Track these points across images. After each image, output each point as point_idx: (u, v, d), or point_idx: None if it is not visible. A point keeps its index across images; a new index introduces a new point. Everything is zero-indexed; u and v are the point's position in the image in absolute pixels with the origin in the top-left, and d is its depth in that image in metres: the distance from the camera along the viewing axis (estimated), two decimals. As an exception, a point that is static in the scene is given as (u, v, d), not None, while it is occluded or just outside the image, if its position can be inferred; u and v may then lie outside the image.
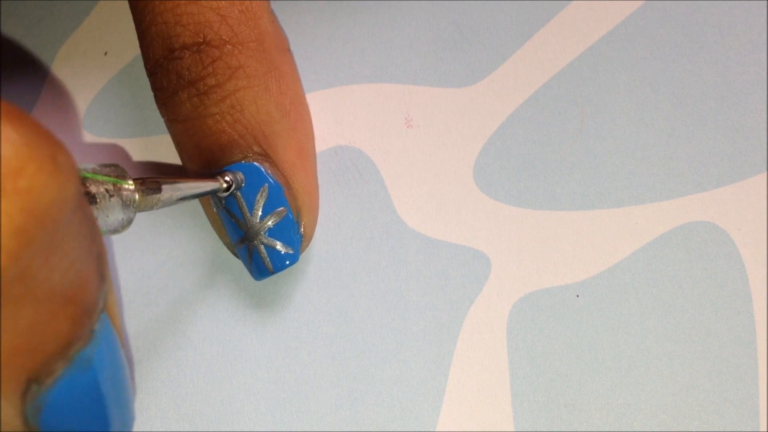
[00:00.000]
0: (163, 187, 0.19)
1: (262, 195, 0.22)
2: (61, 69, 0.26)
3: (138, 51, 0.26)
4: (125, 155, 0.25)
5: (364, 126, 0.25)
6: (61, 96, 0.25)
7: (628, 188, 0.23)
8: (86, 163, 0.17)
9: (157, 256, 0.24)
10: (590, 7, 0.24)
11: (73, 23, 0.26)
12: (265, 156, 0.22)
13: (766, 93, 0.23)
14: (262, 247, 0.22)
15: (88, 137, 0.25)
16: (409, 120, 0.24)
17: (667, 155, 0.23)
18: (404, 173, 0.24)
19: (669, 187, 0.23)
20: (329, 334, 0.23)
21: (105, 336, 0.17)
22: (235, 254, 0.23)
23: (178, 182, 0.19)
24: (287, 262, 0.22)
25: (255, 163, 0.21)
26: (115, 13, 0.26)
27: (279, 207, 0.22)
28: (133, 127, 0.25)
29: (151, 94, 0.25)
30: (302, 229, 0.22)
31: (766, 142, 0.23)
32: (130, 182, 0.18)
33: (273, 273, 0.22)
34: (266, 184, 0.21)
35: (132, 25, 0.26)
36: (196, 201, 0.24)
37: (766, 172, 0.23)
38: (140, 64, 0.25)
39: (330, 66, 0.25)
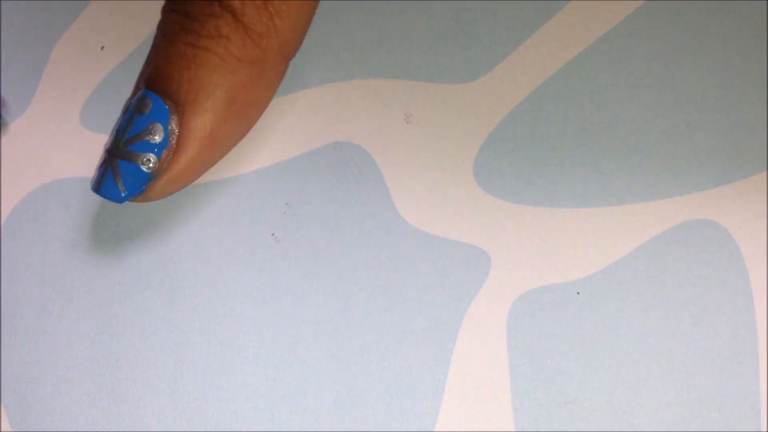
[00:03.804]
0: None
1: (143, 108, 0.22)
2: (57, 65, 0.25)
3: (134, 46, 0.25)
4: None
5: (363, 122, 0.24)
6: (57, 92, 0.25)
7: (628, 186, 0.23)
8: None
9: (154, 253, 0.24)
10: (592, 4, 0.25)
11: (69, 18, 0.26)
12: (180, 114, 0.22)
13: (766, 92, 0.24)
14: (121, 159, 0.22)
15: (86, 133, 0.25)
16: (408, 116, 0.24)
17: (668, 153, 0.24)
18: (404, 169, 0.24)
19: (670, 185, 0.23)
20: (328, 331, 0.23)
21: None
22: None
23: None
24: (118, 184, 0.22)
25: (168, 109, 0.22)
26: (112, 8, 0.26)
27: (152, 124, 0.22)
28: (130, 123, 0.25)
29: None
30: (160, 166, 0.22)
31: (766, 140, 0.23)
32: None
33: (98, 191, 0.22)
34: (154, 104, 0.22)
35: (129, 19, 0.26)
36: (196, 195, 0.24)
37: (766, 171, 0.23)
38: (138, 59, 0.25)
39: (329, 61, 0.25)
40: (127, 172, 0.22)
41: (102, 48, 0.26)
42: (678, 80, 0.24)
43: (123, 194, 0.22)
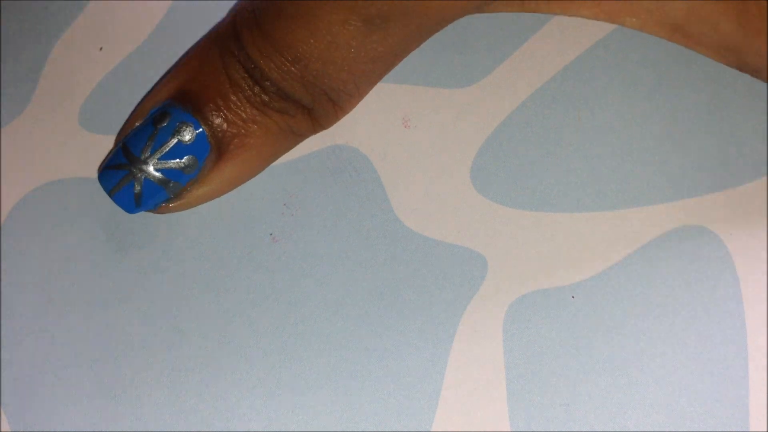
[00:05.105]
0: None
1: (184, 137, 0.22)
2: (56, 65, 0.25)
3: (133, 47, 0.25)
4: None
5: (361, 125, 0.25)
6: (56, 92, 0.25)
7: (623, 191, 0.24)
8: None
9: (153, 253, 0.24)
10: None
11: (68, 19, 0.26)
12: (218, 155, 0.22)
13: (760, 101, 0.24)
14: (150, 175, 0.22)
15: (84, 134, 0.25)
16: (406, 120, 0.25)
17: (661, 160, 0.24)
18: (401, 173, 0.24)
19: (663, 192, 0.24)
20: (325, 332, 0.24)
21: None
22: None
23: None
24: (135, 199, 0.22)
25: (210, 147, 0.22)
26: (111, 9, 0.26)
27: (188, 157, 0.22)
28: (129, 124, 0.25)
29: (146, 91, 0.25)
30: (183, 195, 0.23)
31: (757, 149, 0.24)
32: None
33: (112, 196, 0.22)
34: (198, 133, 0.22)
35: (128, 20, 0.26)
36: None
37: (757, 180, 0.24)
38: (136, 59, 0.25)
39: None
40: (149, 190, 0.22)
41: (101, 49, 0.25)
42: (672, 87, 0.24)
43: (136, 208, 0.22)
